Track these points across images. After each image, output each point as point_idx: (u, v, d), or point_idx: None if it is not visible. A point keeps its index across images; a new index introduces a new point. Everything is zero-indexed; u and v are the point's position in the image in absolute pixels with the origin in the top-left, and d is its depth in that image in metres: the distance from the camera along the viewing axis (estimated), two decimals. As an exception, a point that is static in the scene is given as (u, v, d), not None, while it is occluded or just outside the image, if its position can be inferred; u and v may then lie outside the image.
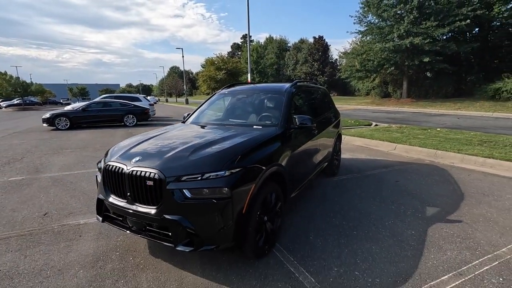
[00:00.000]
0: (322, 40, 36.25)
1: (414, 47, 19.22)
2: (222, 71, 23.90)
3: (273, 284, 2.29)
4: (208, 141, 2.69)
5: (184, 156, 2.38)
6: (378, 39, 21.31)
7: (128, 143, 2.91)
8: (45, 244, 2.95)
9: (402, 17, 19.60)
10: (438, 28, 19.00)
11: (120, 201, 2.42)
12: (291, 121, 3.35)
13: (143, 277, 2.40)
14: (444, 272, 2.40)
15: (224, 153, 2.41)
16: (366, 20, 22.80)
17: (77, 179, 5.22)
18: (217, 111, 4.12)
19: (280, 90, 3.80)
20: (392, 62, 20.77)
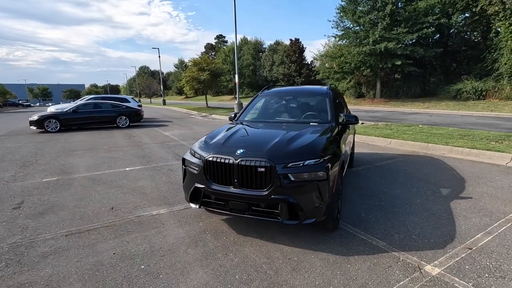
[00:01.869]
0: (298, 42, 37.65)
1: (387, 51, 20.93)
2: (206, 72, 24.04)
3: (355, 248, 2.87)
4: (291, 135, 3.20)
5: (283, 147, 2.89)
6: (354, 43, 22.83)
7: (214, 140, 3.30)
8: (137, 232, 3.27)
9: (376, 23, 21.22)
10: (408, 34, 20.89)
11: (226, 187, 2.87)
12: (338, 118, 3.97)
13: (247, 250, 2.86)
14: (476, 232, 3.13)
15: (316, 144, 2.96)
16: (342, 25, 24.31)
17: (114, 178, 5.40)
18: (265, 110, 4.62)
19: (322, 92, 4.42)
20: (368, 65, 22.39)
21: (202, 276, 2.46)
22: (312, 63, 39.51)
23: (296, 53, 36.56)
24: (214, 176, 2.94)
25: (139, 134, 11.51)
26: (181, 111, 26.31)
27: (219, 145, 3.11)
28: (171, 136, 10.61)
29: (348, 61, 23.03)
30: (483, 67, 22.09)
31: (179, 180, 5.17)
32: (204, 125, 14.28)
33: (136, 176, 5.50)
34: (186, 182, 3.27)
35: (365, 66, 22.51)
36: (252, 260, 2.69)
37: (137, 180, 5.24)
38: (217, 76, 25.76)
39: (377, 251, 2.81)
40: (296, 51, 36.55)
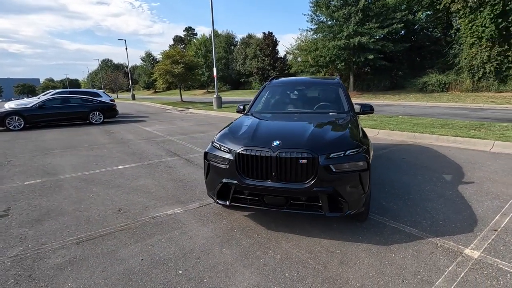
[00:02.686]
0: (272, 36, 37.61)
1: (360, 45, 21.63)
2: (180, 64, 23.14)
3: (391, 236, 2.87)
4: (322, 125, 3.10)
5: (321, 138, 2.79)
6: (328, 37, 23.30)
7: (242, 132, 3.11)
8: (158, 234, 3.00)
9: (349, 18, 21.80)
10: (379, 29, 21.72)
11: (262, 182, 2.70)
12: (354, 108, 3.95)
13: (285, 246, 2.74)
14: (493, 214, 3.29)
15: (352, 134, 2.89)
16: (317, 19, 24.65)
17: (108, 177, 4.95)
18: (278, 101, 4.47)
19: (334, 82, 4.37)
20: (342, 59, 22.99)
21: (250, 277, 2.30)
22: (285, 57, 39.78)
23: (270, 46, 36.53)
24: (248, 170, 2.76)
25: (118, 130, 10.78)
26: (154, 106, 25.19)
27: (249, 137, 2.92)
28: (154, 132, 10.06)
29: (323, 54, 23.47)
30: (445, 61, 23.68)
31: (182, 177, 4.88)
32: (185, 120, 13.76)
33: (133, 174, 5.10)
34: (211, 178, 3.05)
35: (339, 60, 23.09)
36: (295, 256, 2.58)
37: (135, 178, 4.85)
38: (192, 69, 24.96)
39: (412, 238, 2.84)
40: (269, 45, 36.51)
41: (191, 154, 6.51)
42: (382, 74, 26.76)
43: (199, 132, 9.82)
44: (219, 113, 16.35)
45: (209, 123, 12.14)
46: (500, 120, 9.80)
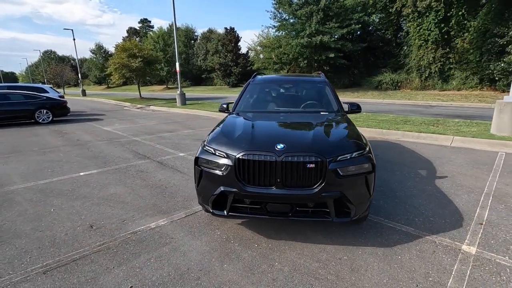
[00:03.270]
0: (234, 31, 37.06)
1: (322, 44, 22.27)
2: (138, 58, 21.63)
3: (391, 237, 2.86)
4: (322, 126, 2.96)
5: (326, 140, 2.64)
6: (291, 34, 23.62)
7: (239, 134, 2.84)
8: (145, 253, 2.62)
9: (311, 17, 22.30)
10: (339, 29, 22.57)
11: (265, 189, 2.48)
12: (343, 106, 3.90)
13: (290, 255, 2.57)
14: (474, 207, 3.48)
15: (355, 135, 2.79)
16: (280, 16, 24.83)
17: (70, 186, 4.31)
18: (265, 99, 4.25)
19: (320, 81, 4.27)
20: (305, 56, 23.47)
21: (262, 296, 2.09)
22: (248, 53, 39.57)
23: (232, 42, 35.99)
24: (249, 177, 2.51)
25: (72, 130, 9.65)
26: (110, 103, 23.32)
27: (249, 141, 2.67)
28: (115, 132, 9.20)
29: (287, 52, 23.75)
30: (397, 61, 25.53)
31: (159, 182, 4.44)
32: (148, 118, 12.87)
33: (100, 182, 4.51)
34: (204, 186, 2.74)
35: (302, 58, 23.56)
36: (304, 267, 2.41)
37: (104, 187, 4.30)
38: (151, 63, 23.52)
39: (411, 237, 2.85)
40: (231, 41, 35.96)
41: (163, 156, 6.02)
42: (341, 72, 27.96)
43: (167, 131, 9.21)
44: (184, 110, 15.62)
45: (175, 121, 11.49)
46: (450, 116, 10.76)
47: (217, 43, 41.76)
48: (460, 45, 21.31)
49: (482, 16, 19.57)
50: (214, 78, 43.47)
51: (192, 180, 4.50)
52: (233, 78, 36.08)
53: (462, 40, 21.21)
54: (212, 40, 43.28)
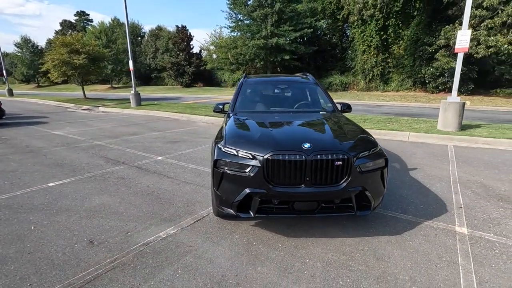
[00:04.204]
0: (186, 30, 35.86)
1: (278, 46, 22.96)
2: (82, 55, 19.57)
3: (396, 225, 3.13)
4: (334, 125, 3.08)
5: (346, 138, 2.78)
6: (247, 35, 23.86)
7: (260, 135, 2.84)
8: (169, 265, 2.44)
9: (267, 19, 22.84)
10: (292, 32, 23.54)
11: (294, 188, 2.51)
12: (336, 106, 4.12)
13: (317, 252, 2.64)
14: (448, 194, 3.98)
15: (366, 132, 2.98)
16: (235, 16, 24.87)
17: (42, 199, 3.77)
18: (262, 100, 4.25)
19: (311, 81, 4.44)
20: (261, 57, 23.93)
21: (308, 293, 2.12)
22: (200, 53, 38.75)
23: (184, 41, 34.81)
24: (278, 177, 2.52)
25: (14, 136, 8.34)
26: (48, 104, 20.68)
27: (274, 141, 2.67)
28: (70, 136, 8.23)
29: (243, 53, 23.92)
30: (344, 64, 27.61)
31: (147, 189, 4.14)
32: (103, 121, 11.78)
33: (79, 192, 4.02)
34: (227, 189, 2.66)
35: (259, 59, 23.98)
36: (334, 261, 2.51)
37: (86, 197, 3.84)
38: (96, 60, 21.53)
39: (412, 224, 3.15)
40: (184, 39, 34.76)
41: (140, 161, 5.60)
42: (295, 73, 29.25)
43: (131, 134, 8.56)
44: (141, 111, 14.67)
45: (136, 124, 10.74)
46: (399, 115, 12.04)
47: (168, 41, 40.03)
48: (397, 51, 23.92)
49: (414, 27, 22.26)
50: (165, 77, 41.58)
51: (184, 184, 4.32)
52: (186, 78, 34.98)
53: (398, 47, 23.81)
54: (162, 38, 41.32)
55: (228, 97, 25.05)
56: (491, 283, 2.23)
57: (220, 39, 41.05)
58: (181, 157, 5.88)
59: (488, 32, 15.80)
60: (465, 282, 2.24)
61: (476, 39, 16.02)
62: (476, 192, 4.05)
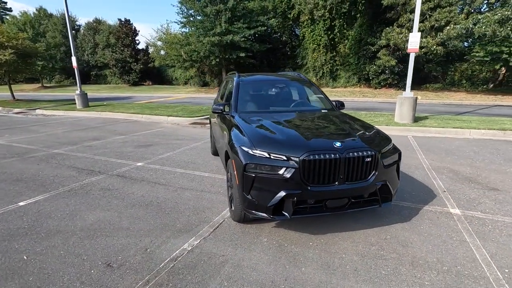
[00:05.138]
0: (130, 24, 33.21)
1: (233, 43, 22.78)
2: (8, 50, 16.81)
3: (401, 212, 3.41)
4: (350, 123, 3.24)
5: (367, 135, 2.90)
6: (199, 32, 23.16)
7: (288, 136, 2.87)
8: (211, 278, 2.30)
9: (220, 15, 22.46)
10: (246, 29, 23.55)
11: (329, 186, 2.57)
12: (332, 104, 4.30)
13: (347, 245, 2.75)
14: (430, 179, 4.47)
15: (378, 129, 3.15)
16: (187, 12, 23.88)
17: (20, 223, 3.21)
18: (263, 99, 4.21)
19: (304, 80, 4.56)
20: (216, 55, 23.48)
21: (361, 286, 2.20)
22: (147, 49, 36.48)
23: (129, 36, 32.24)
24: (313, 177, 2.54)
25: None
26: (-35, 108, 17.38)
27: (305, 141, 2.69)
28: (17, 145, 7.07)
29: (197, 49, 23.19)
30: (295, 62, 28.69)
31: (143, 199, 3.82)
32: (49, 125, 10.35)
33: (63, 210, 3.51)
34: (260, 193, 2.60)
35: (214, 56, 23.50)
36: (366, 252, 2.65)
37: (75, 215, 3.37)
38: (27, 57, 18.77)
39: (415, 210, 3.47)
40: (128, 34, 32.18)
41: (118, 169, 5.10)
42: (249, 71, 29.40)
43: (91, 139, 7.72)
44: (92, 113, 13.28)
45: (91, 127, 9.71)
46: (355, 109, 13.00)
47: (109, 35, 36.82)
48: (343, 50, 25.68)
49: (357, 28, 24.12)
50: (108, 75, 38.27)
51: (181, 190, 4.10)
52: (134, 76, 32.61)
53: (344, 46, 25.58)
54: (102, 32, 37.83)
55: (184, 95, 24.08)
56: (499, 255, 2.59)
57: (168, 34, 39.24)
58: (163, 162, 5.52)
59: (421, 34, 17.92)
60: (480, 256, 2.56)
61: (411, 40, 18.02)
62: (449, 176, 4.62)
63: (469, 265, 2.44)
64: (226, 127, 3.64)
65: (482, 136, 7.42)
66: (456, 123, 8.50)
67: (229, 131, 3.41)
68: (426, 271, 2.37)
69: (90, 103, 16.11)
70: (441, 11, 17.12)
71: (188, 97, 22.64)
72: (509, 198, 3.77)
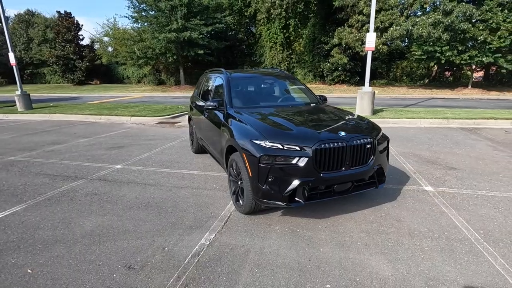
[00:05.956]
0: (71, 17, 30.11)
1: (190, 40, 22.19)
2: None
3: (387, 192, 3.83)
4: (342, 114, 3.50)
5: (362, 124, 3.23)
6: (155, 28, 22.08)
7: (297, 128, 3.07)
8: (241, 268, 2.38)
9: (176, 11, 21.68)
10: (204, 26, 23.11)
11: (337, 172, 2.81)
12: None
13: (350, 225, 3.04)
14: (400, 163, 5.04)
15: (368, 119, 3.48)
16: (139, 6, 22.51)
17: (8, 235, 2.87)
18: (255, 95, 4.32)
19: (291, 76, 4.77)
20: (173, 52, 22.63)
21: (379, 259, 2.48)
22: (93, 45, 33.64)
23: (71, 30, 29.28)
24: (324, 164, 2.77)
25: None
26: None
27: (314, 132, 2.92)
28: (-42, 154, 6.12)
29: (152, 46, 22.10)
30: (254, 60, 29.06)
31: (139, 201, 3.69)
32: (-11, 130, 9.08)
33: (51, 219, 3.22)
34: (274, 182, 2.73)
35: (170, 53, 22.63)
36: (370, 229, 2.96)
37: (70, 223, 3.13)
38: None
39: (397, 191, 3.91)
40: (70, 28, 29.20)
41: (97, 172, 4.78)
42: (207, 68, 28.87)
43: (49, 143, 7.02)
44: (38, 116, 11.93)
45: (45, 131, 8.77)
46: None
47: (45, 29, 33.14)
48: (298, 48, 26.76)
49: (310, 27, 25.32)
50: (47, 74, 34.46)
51: (176, 189, 4.09)
52: (79, 74, 29.75)
53: (299, 44, 26.67)
54: (37, 26, 33.85)
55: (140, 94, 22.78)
56: (473, 220, 3.10)
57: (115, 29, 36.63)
58: (144, 163, 5.31)
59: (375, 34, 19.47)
60: (459, 223, 3.04)
61: (361, 40, 19.55)
62: (415, 160, 5.26)
63: (453, 231, 2.90)
64: (223, 123, 3.68)
65: (430, 125, 8.48)
66: (408, 114, 9.56)
67: (229, 126, 3.47)
68: (423, 239, 2.75)
69: (33, 104, 14.45)
70: (385, 13, 18.83)
71: (145, 96, 21.57)
72: (466, 175, 4.46)
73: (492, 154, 5.54)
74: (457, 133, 7.49)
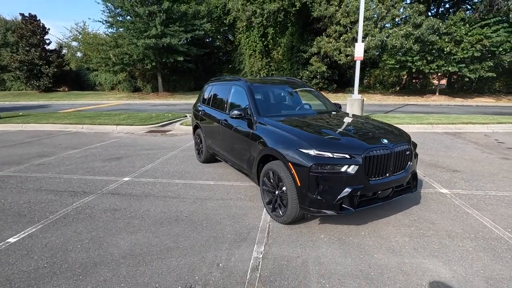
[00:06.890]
0: (37, 20, 28.15)
1: (169, 47, 21.74)
2: None
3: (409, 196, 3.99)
4: (372, 122, 3.60)
5: (396, 131, 3.33)
6: (132, 33, 21.35)
7: (345, 136, 3.16)
8: (305, 278, 2.34)
9: (154, 17, 21.19)
10: (183, 33, 22.78)
11: (383, 179, 2.90)
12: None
13: (388, 230, 3.12)
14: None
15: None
16: (114, 11, 21.65)
17: (35, 262, 2.58)
18: (282, 104, 4.48)
19: (301, 83, 4.89)
20: (152, 58, 21.99)
21: (441, 268, 2.56)
22: (61, 50, 31.73)
23: (36, 34, 27.34)
24: (373, 171, 2.84)
25: None
26: None
27: (359, 141, 2.99)
28: None
29: (129, 52, 21.32)
30: (233, 67, 29.12)
31: (168, 216, 3.52)
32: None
33: (77, 240, 2.95)
34: (325, 191, 2.75)
35: (149, 59, 21.98)
36: (411, 233, 3.06)
37: (102, 243, 2.89)
38: None
39: (417, 194, 4.06)
40: (35, 32, 27.24)
41: (107, 186, 4.49)
42: (187, 75, 28.47)
43: (36, 156, 6.47)
44: (9, 126, 10.93)
45: (24, 142, 8.07)
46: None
47: (6, 32, 30.79)
48: (276, 56, 27.26)
49: (289, 36, 25.95)
50: (8, 80, 31.86)
51: (201, 201, 4.03)
52: (46, 81, 27.76)
53: (277, 52, 27.19)
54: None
55: (115, 102, 21.79)
56: (497, 220, 3.32)
57: (85, 34, 34.97)
58: (152, 174, 5.08)
59: (346, 44, 20.40)
60: (487, 223, 3.25)
61: (338, 49, 20.40)
62: (419, 164, 5.54)
63: (485, 231, 3.08)
64: (252, 133, 3.64)
65: (418, 130, 9.01)
66: (395, 120, 10.07)
67: (261, 135, 3.45)
68: (463, 240, 2.90)
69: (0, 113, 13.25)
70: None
71: (122, 103, 20.67)
72: (470, 177, 4.78)
73: (483, 157, 6.00)
74: (443, 137, 8.02)
